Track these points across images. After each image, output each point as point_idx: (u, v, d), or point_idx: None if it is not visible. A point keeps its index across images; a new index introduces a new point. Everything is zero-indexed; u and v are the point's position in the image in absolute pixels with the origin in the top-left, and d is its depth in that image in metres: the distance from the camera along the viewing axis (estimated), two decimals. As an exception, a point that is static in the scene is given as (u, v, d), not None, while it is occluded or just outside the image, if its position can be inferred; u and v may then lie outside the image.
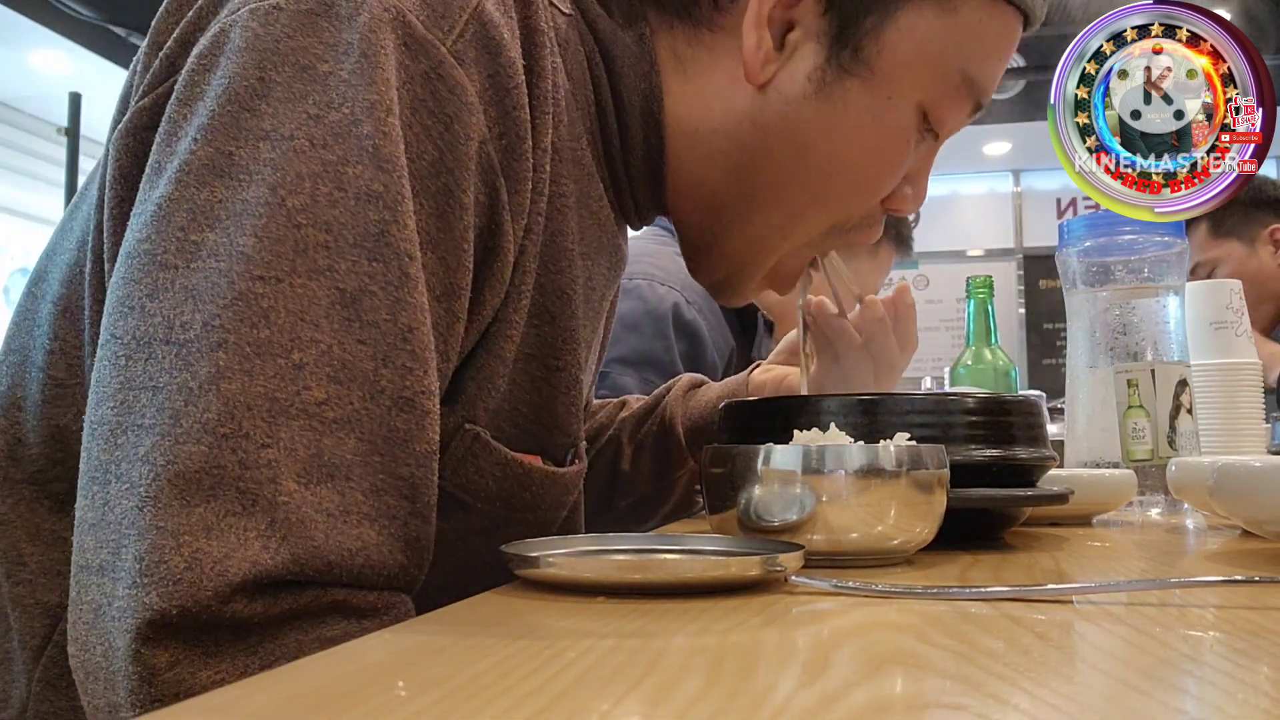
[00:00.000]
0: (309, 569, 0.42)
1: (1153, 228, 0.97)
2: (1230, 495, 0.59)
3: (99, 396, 0.45)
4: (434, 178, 0.48)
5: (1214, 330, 1.07)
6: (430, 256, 0.48)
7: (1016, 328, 5.64)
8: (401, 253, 0.46)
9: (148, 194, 0.47)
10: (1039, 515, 0.82)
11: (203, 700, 0.28)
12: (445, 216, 0.48)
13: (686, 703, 0.27)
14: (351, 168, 0.45)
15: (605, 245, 0.66)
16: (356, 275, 0.45)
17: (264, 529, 0.42)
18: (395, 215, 0.46)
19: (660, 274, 1.43)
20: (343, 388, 0.44)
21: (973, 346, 1.42)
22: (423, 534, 0.47)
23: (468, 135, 0.49)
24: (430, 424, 0.47)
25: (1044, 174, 5.73)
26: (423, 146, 0.48)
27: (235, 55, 0.47)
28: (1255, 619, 0.39)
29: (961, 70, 0.65)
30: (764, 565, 0.45)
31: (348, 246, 0.45)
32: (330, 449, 0.43)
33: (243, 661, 0.42)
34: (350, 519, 0.44)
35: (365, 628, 0.45)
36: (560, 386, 0.58)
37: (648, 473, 0.90)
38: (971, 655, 0.33)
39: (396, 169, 0.46)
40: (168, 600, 0.40)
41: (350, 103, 0.46)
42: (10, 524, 0.56)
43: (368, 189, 0.45)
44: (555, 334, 0.57)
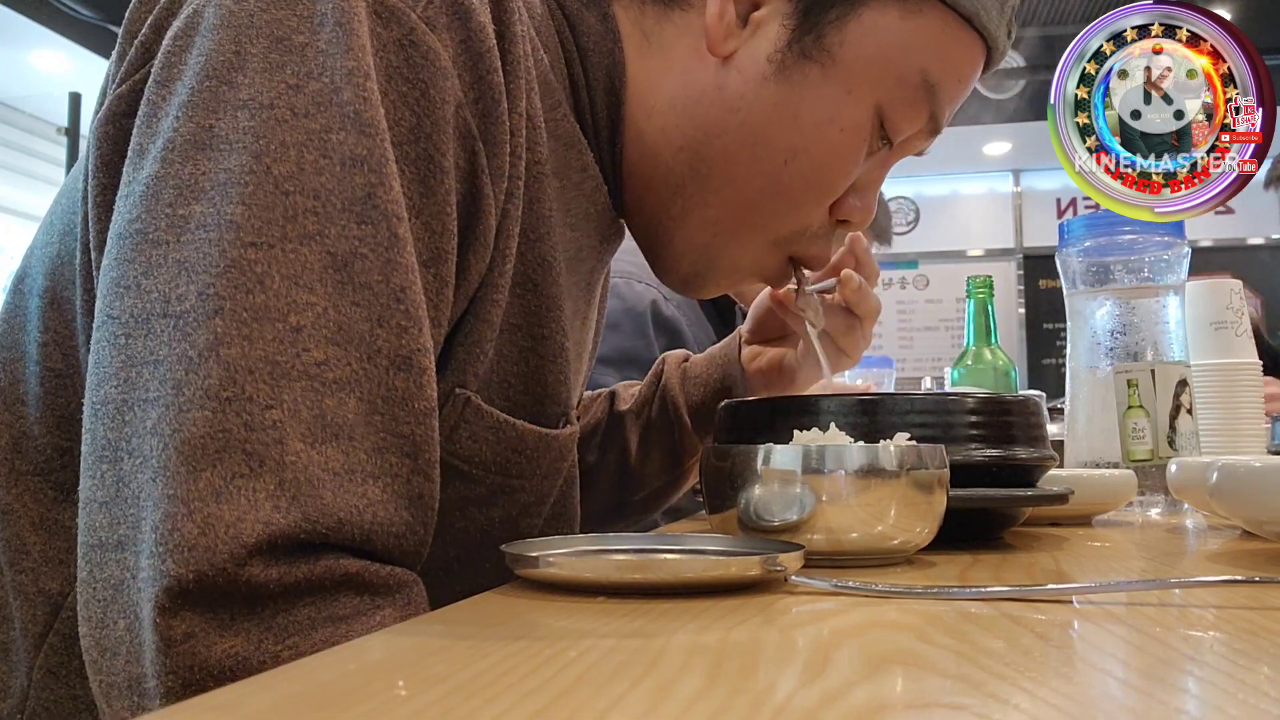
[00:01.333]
0: (320, 526, 0.43)
1: (1153, 228, 0.97)
2: (1230, 495, 0.59)
3: (100, 376, 0.45)
4: (413, 144, 0.49)
5: (1214, 330, 1.07)
6: (415, 223, 0.49)
7: (1016, 328, 5.64)
8: (389, 214, 0.46)
9: (133, 175, 0.47)
10: (1039, 515, 0.82)
11: (203, 700, 0.28)
12: (427, 182, 0.49)
13: (686, 703, 0.27)
14: (335, 134, 0.46)
15: (593, 216, 0.66)
16: (347, 239, 0.45)
17: (273, 489, 0.42)
18: (381, 178, 0.46)
19: (637, 271, 1.42)
20: (341, 349, 0.44)
21: (973, 346, 1.42)
22: (426, 491, 0.48)
23: (443, 100, 0.49)
24: (428, 382, 0.48)
25: (1044, 174, 5.73)
26: (400, 114, 0.48)
27: (210, 33, 0.48)
28: (1255, 619, 0.39)
29: (922, 75, 0.65)
30: (764, 565, 0.45)
31: (336, 212, 0.45)
32: (332, 409, 0.44)
33: (257, 637, 0.42)
34: (355, 478, 0.44)
35: (378, 605, 0.45)
36: (548, 355, 0.59)
37: (659, 465, 0.90)
38: (971, 655, 0.33)
39: (379, 133, 0.47)
40: (184, 566, 0.40)
41: (329, 72, 0.47)
42: (14, 513, 0.57)
43: (352, 154, 0.46)
44: (539, 302, 0.58)
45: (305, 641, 0.43)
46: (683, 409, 0.88)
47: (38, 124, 4.73)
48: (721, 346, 0.91)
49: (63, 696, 0.55)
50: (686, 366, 0.91)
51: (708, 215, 0.67)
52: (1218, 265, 5.06)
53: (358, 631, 0.44)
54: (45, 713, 0.56)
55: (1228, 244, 5.26)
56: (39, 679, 0.56)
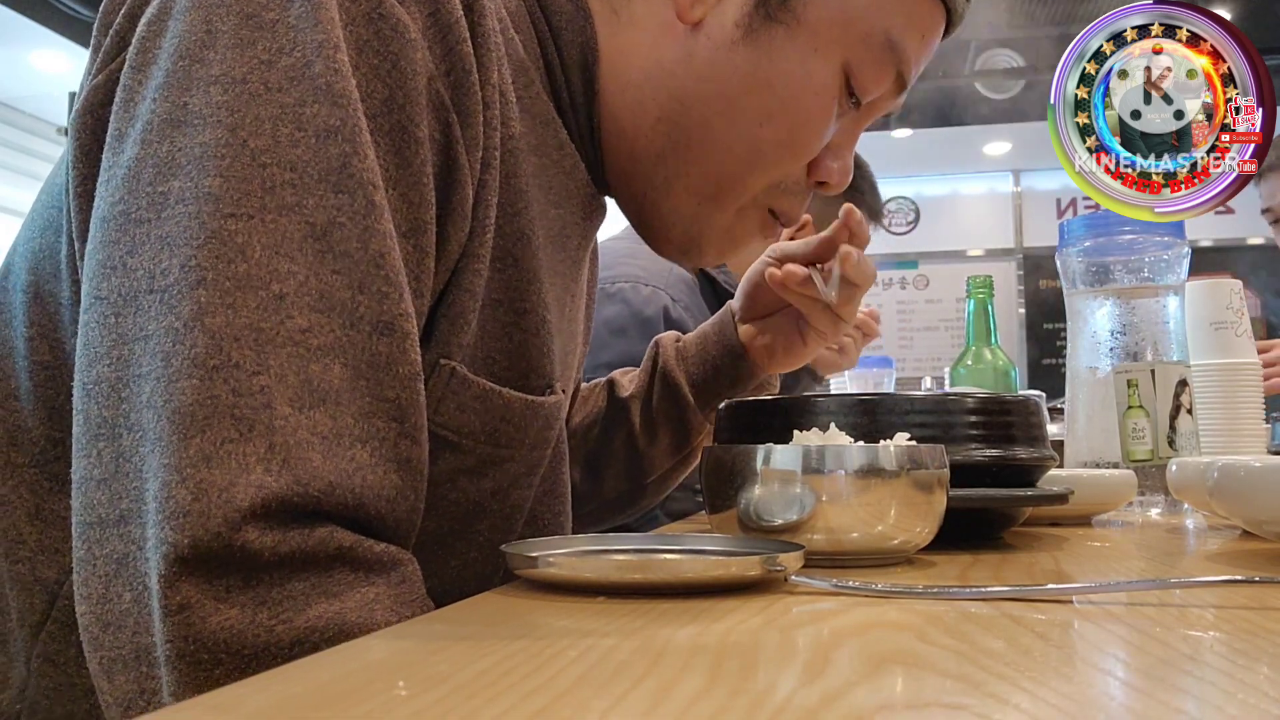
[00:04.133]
0: (312, 489, 0.43)
1: (1153, 228, 0.97)
2: (1230, 495, 0.59)
3: (91, 357, 0.46)
4: (386, 115, 0.49)
5: (1214, 330, 1.07)
6: (393, 194, 0.49)
7: (1016, 328, 5.64)
8: (365, 183, 0.47)
9: (114, 160, 0.48)
10: (1039, 515, 0.82)
11: (202, 700, 0.28)
12: (402, 153, 0.50)
13: (686, 703, 0.27)
14: (309, 107, 0.47)
15: (574, 193, 0.67)
16: (325, 209, 0.46)
17: (263, 453, 0.43)
18: (355, 148, 0.47)
19: (644, 275, 1.41)
20: (323, 316, 0.45)
21: (973, 346, 1.42)
22: (414, 455, 0.49)
23: (414, 71, 0.50)
24: (410, 346, 0.48)
25: (1044, 174, 5.72)
26: (372, 86, 0.49)
27: (182, 15, 0.48)
28: (1255, 619, 0.39)
29: (885, 34, 0.66)
30: (764, 565, 0.45)
31: (313, 182, 0.46)
32: (318, 375, 0.45)
33: (251, 610, 0.42)
34: (343, 441, 0.45)
35: (371, 582, 0.46)
36: (530, 329, 0.59)
37: (667, 446, 0.90)
38: (971, 655, 0.33)
39: (351, 103, 0.47)
40: (180, 533, 0.41)
41: (301, 46, 0.47)
42: (10, 505, 0.57)
43: (326, 125, 0.47)
44: (519, 276, 0.58)
45: (299, 616, 0.43)
46: (684, 387, 0.88)
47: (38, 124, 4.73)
48: (714, 324, 0.91)
49: (61, 684, 0.56)
50: (680, 346, 0.91)
51: (691, 184, 0.69)
52: (1218, 265, 5.06)
53: (351, 608, 0.44)
54: (45, 701, 0.56)
55: (1228, 244, 5.26)
56: (38, 668, 0.56)
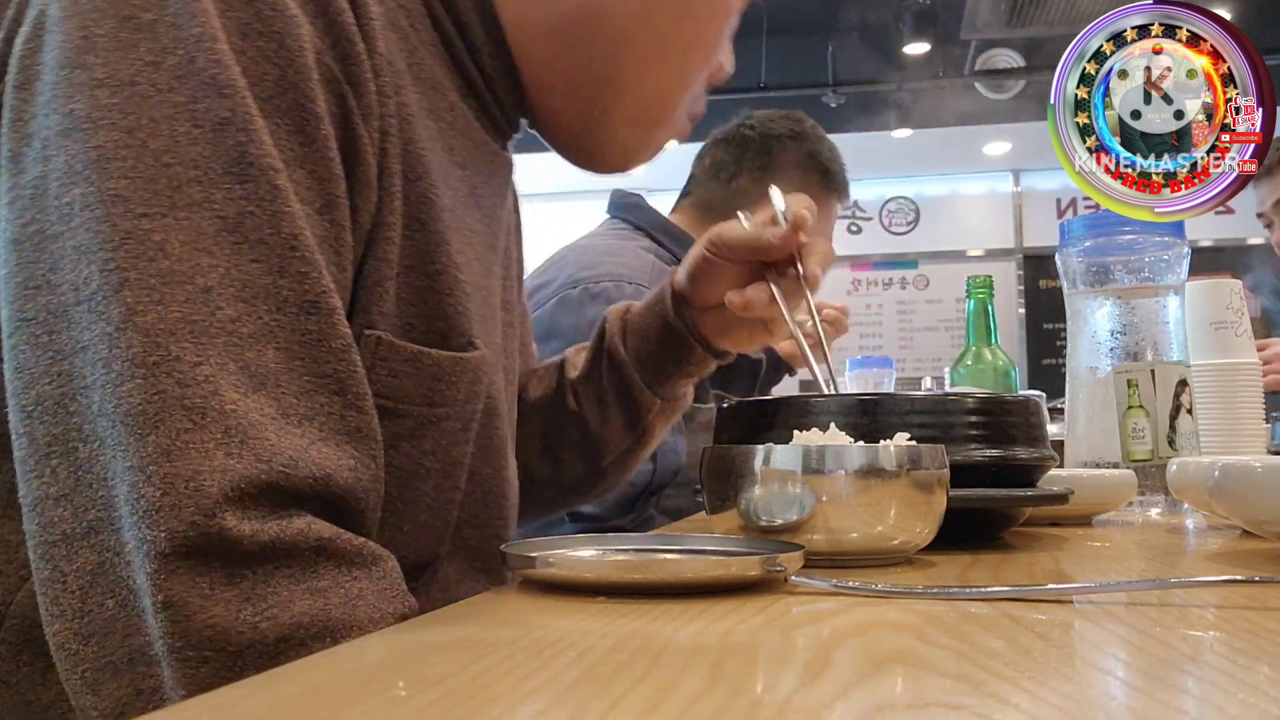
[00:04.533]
0: (276, 465, 0.44)
1: (1153, 228, 0.97)
2: (1230, 495, 0.59)
3: (28, 379, 0.46)
4: (282, 96, 0.50)
5: (1214, 330, 1.06)
6: (300, 172, 0.50)
7: (1016, 328, 5.64)
8: (265, 168, 0.48)
9: (15, 181, 0.48)
10: (1039, 515, 0.82)
11: (202, 700, 0.28)
12: (305, 131, 0.50)
13: (686, 703, 0.27)
14: (200, 104, 0.47)
15: (475, 152, 0.67)
16: (233, 201, 0.47)
17: (220, 437, 0.43)
18: (249, 135, 0.48)
19: (628, 272, 1.39)
20: (249, 305, 0.46)
21: (972, 346, 1.42)
22: (363, 424, 0.50)
23: (301, 48, 0.50)
24: (338, 320, 0.50)
25: (1044, 174, 5.72)
26: (263, 69, 0.49)
27: (57, 27, 0.49)
28: (1255, 619, 0.39)
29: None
30: (764, 565, 0.45)
31: (218, 176, 0.47)
32: (253, 361, 0.46)
33: (236, 607, 0.43)
34: (291, 420, 0.46)
35: (355, 578, 0.46)
36: (443, 290, 0.60)
37: (620, 426, 0.89)
38: (971, 655, 0.33)
39: (238, 91, 0.48)
40: (156, 529, 0.42)
41: (182, 44, 0.48)
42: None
43: (219, 118, 0.47)
44: (427, 240, 0.59)
45: (284, 613, 0.43)
46: (629, 366, 0.87)
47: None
48: (655, 300, 0.88)
49: (16, 703, 0.55)
50: (628, 319, 0.89)
51: (628, 113, 0.70)
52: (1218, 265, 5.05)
53: (336, 604, 0.45)
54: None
55: (1228, 244, 5.26)
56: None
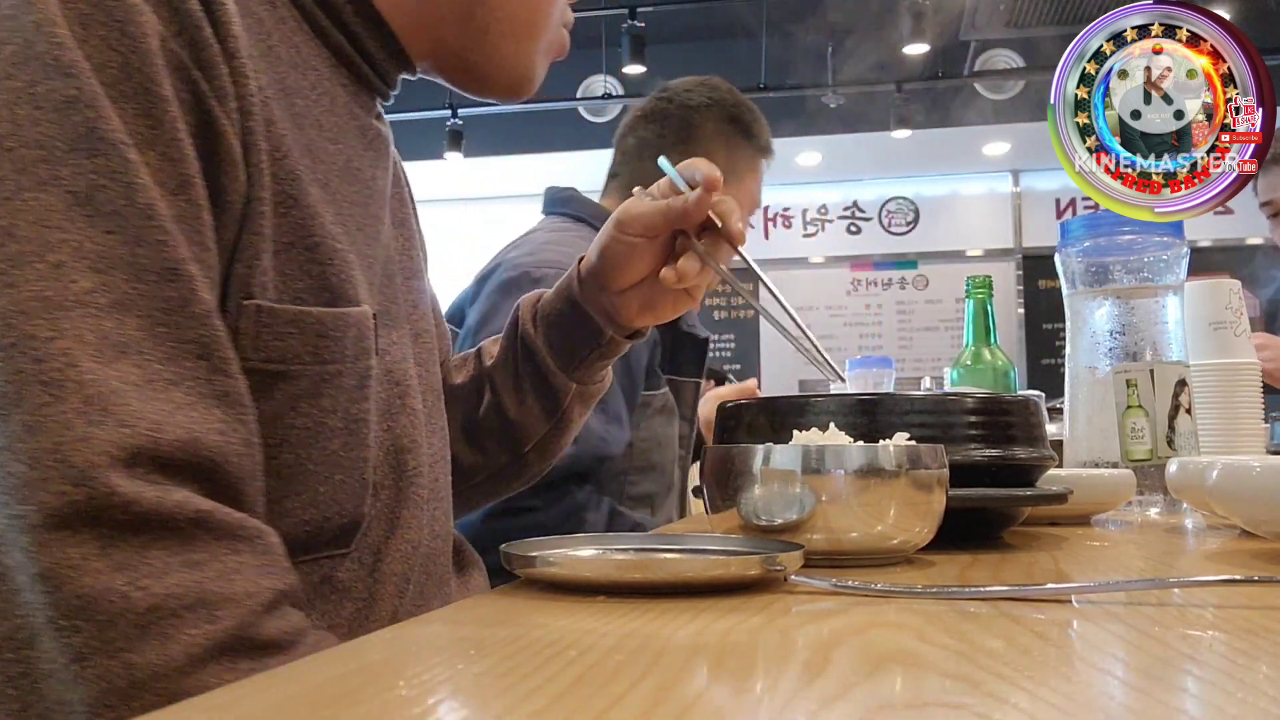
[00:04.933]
0: (141, 430, 0.45)
1: (1152, 228, 0.97)
2: (1229, 495, 0.59)
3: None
4: (127, 81, 0.50)
5: (1213, 330, 1.07)
6: (151, 154, 0.50)
7: (1016, 328, 5.64)
8: (116, 142, 0.48)
9: None
10: (1038, 515, 0.82)
11: (202, 700, 0.28)
12: (151, 114, 0.50)
13: (686, 703, 0.27)
14: (41, 85, 0.48)
15: (349, 126, 0.67)
16: (82, 175, 0.47)
17: (80, 406, 0.44)
18: (98, 112, 0.48)
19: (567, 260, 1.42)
20: (105, 275, 0.47)
21: (972, 346, 1.42)
22: (231, 389, 0.51)
23: (144, 34, 0.51)
24: (199, 285, 0.50)
25: (1043, 174, 5.72)
26: (106, 56, 0.50)
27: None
28: (1255, 619, 0.39)
29: None
30: (764, 565, 0.45)
31: (65, 154, 0.47)
32: (113, 330, 0.46)
33: (108, 577, 0.43)
34: (156, 386, 0.47)
35: (236, 550, 0.47)
36: (324, 260, 0.60)
37: (538, 412, 0.89)
38: (971, 655, 0.33)
39: (82, 72, 0.48)
40: (26, 503, 0.42)
41: (20, 31, 0.48)
42: None
43: (63, 97, 0.48)
44: (301, 214, 0.59)
45: (158, 584, 0.44)
46: (543, 352, 0.88)
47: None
48: (563, 284, 0.89)
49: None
50: (539, 307, 0.90)
51: (504, 29, 0.71)
52: (1217, 265, 5.05)
53: (211, 577, 0.45)
54: None
55: (1227, 244, 5.26)
56: None
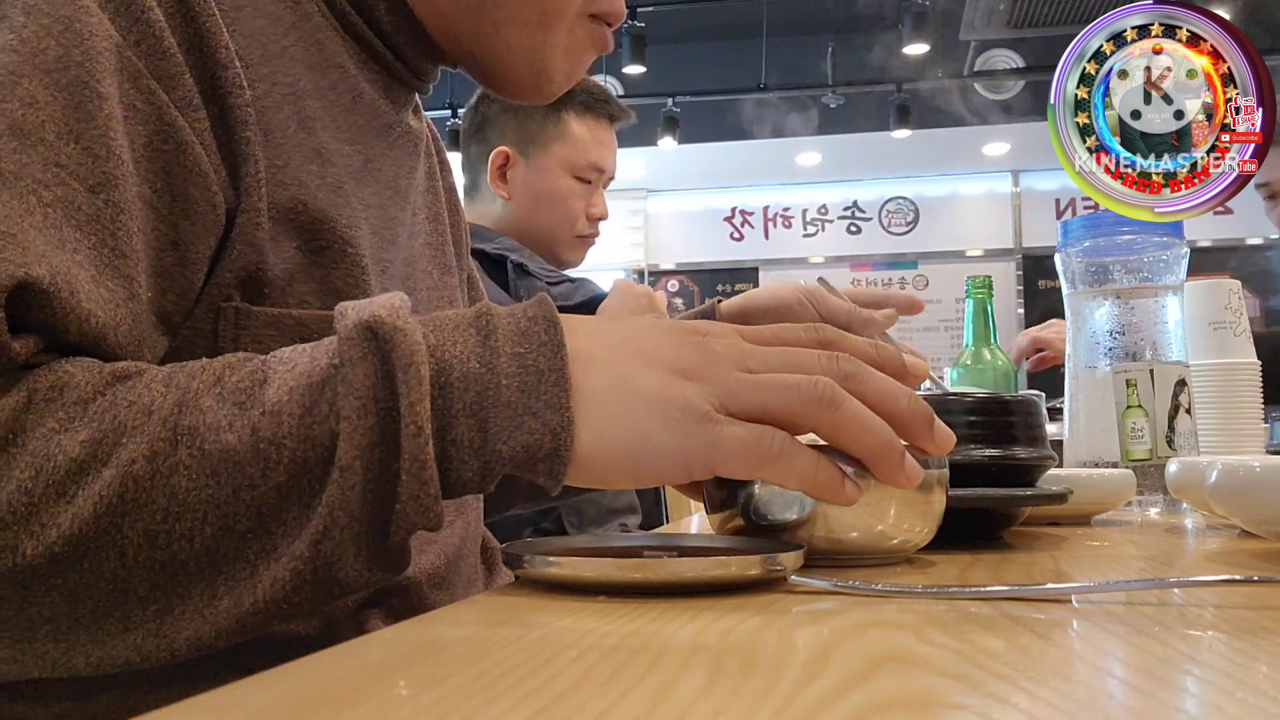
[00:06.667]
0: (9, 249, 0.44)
1: (1152, 228, 0.97)
2: (1229, 495, 0.59)
3: None
4: (63, 72, 0.50)
5: (1213, 330, 1.07)
6: (74, 147, 0.50)
7: (1016, 328, 5.64)
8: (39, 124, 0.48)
9: None
10: (1038, 515, 0.82)
11: (202, 700, 0.28)
12: (83, 107, 0.50)
13: (686, 703, 0.27)
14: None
15: (369, 126, 0.67)
16: (30, 108, 0.48)
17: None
18: (17, 97, 0.48)
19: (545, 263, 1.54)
20: (16, 141, 0.47)
21: (972, 346, 1.42)
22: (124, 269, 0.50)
23: (91, 34, 0.51)
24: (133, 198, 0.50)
25: (1043, 174, 5.73)
26: (44, 43, 0.50)
27: None
28: (1255, 619, 0.39)
29: None
30: (764, 565, 0.45)
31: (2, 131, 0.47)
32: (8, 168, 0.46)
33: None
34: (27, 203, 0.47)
35: (89, 412, 0.45)
36: (330, 264, 0.60)
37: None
38: (971, 655, 0.33)
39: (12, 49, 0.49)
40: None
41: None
42: None
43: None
44: (310, 219, 0.59)
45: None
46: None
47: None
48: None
49: None
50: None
51: (518, 18, 0.71)
52: (1217, 265, 5.06)
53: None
54: None
55: (1227, 244, 5.26)
56: None
